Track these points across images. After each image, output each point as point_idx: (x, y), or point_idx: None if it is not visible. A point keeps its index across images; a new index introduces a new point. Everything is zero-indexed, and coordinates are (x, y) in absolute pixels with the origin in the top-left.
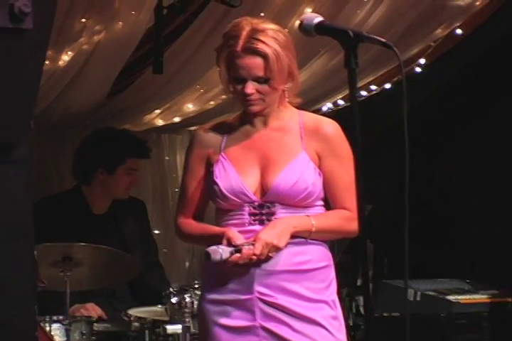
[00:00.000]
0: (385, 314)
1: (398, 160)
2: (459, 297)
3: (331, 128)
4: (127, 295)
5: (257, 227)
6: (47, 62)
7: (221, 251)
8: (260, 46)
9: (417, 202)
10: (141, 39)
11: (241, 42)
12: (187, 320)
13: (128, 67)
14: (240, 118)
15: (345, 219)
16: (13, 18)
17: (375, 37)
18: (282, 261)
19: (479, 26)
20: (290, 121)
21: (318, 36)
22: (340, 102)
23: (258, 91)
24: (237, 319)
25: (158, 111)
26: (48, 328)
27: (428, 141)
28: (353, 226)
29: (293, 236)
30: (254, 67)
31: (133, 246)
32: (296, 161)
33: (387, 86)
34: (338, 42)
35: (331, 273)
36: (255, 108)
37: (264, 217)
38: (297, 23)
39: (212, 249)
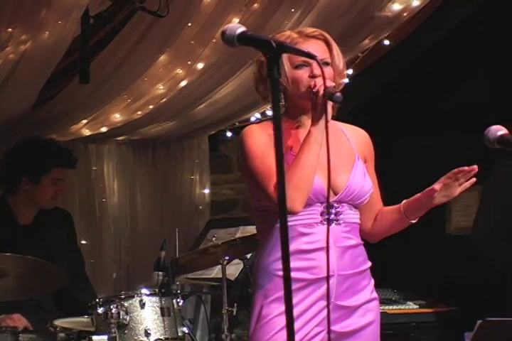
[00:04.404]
0: None
1: None
2: (386, 307)
3: (365, 132)
4: (53, 306)
5: (323, 228)
6: None
7: None
8: (321, 33)
9: None
10: (68, 48)
11: (300, 32)
12: (113, 330)
13: (54, 77)
14: (285, 120)
15: None
16: None
17: (297, 47)
18: (349, 264)
19: (407, 37)
20: (331, 122)
21: (245, 47)
22: (269, 113)
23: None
24: (311, 326)
25: (85, 121)
26: None
27: None
28: None
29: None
30: (319, 49)
31: (59, 257)
32: (358, 162)
33: None
34: None
35: None
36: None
37: (332, 216)
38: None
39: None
